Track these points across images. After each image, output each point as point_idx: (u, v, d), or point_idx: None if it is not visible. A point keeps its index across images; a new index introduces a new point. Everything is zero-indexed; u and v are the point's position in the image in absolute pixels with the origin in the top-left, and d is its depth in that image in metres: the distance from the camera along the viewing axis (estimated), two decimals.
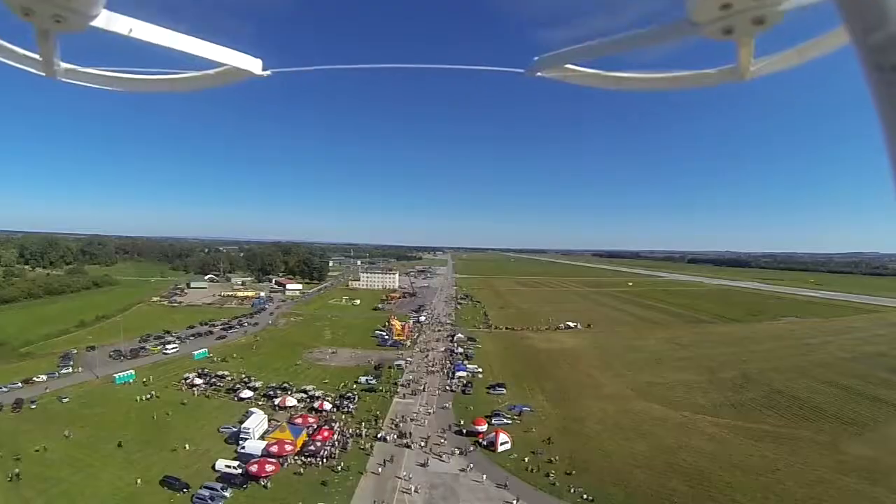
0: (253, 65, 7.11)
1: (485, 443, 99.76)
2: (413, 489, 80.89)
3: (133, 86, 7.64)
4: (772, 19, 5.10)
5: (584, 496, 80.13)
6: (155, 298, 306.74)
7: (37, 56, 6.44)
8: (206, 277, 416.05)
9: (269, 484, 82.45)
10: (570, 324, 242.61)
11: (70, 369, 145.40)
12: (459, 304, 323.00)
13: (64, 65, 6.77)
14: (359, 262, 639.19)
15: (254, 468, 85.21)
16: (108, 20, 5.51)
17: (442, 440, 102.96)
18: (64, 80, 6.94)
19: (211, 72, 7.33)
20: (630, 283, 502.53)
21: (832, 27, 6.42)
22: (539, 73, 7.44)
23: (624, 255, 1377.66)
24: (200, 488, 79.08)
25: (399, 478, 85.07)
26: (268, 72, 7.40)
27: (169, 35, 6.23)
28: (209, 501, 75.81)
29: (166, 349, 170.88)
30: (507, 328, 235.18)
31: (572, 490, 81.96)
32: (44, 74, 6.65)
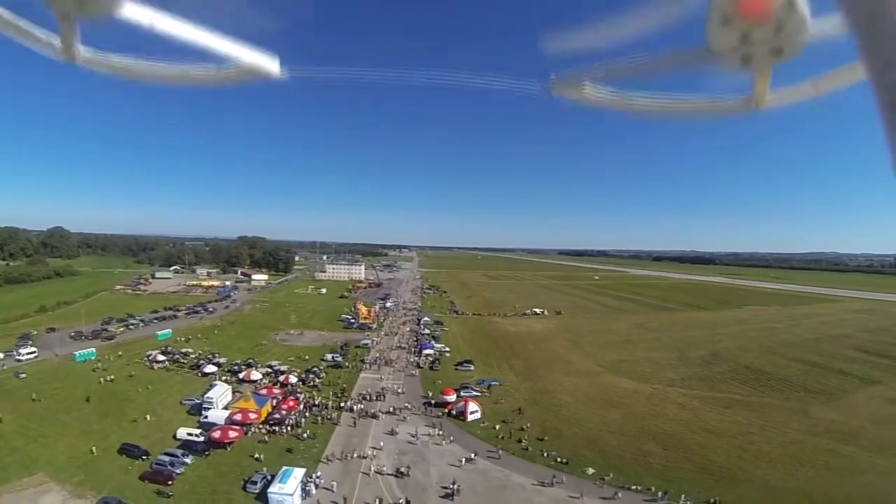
0: (271, 64, 7.07)
1: (454, 412, 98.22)
2: (375, 469, 77.18)
3: (151, 75, 7.51)
4: (790, 51, 5.01)
5: (558, 459, 79.54)
6: (118, 287, 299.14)
7: (56, 41, 6.32)
8: (171, 269, 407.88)
9: (261, 456, 78.66)
10: (538, 310, 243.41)
11: (29, 348, 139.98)
12: (426, 293, 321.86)
13: (83, 50, 6.69)
14: (325, 257, 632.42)
15: (216, 434, 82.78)
16: (130, 9, 5.44)
17: (408, 405, 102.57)
18: (83, 66, 6.83)
19: (229, 69, 7.22)
20: (597, 277, 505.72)
21: (848, 62, 6.41)
22: (555, 92, 7.52)
23: (590, 254, 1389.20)
24: (160, 455, 76.36)
25: (365, 457, 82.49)
26: (284, 72, 7.33)
27: (189, 29, 6.13)
28: (169, 467, 72.96)
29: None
30: (473, 314, 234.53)
31: (545, 454, 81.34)
32: (63, 59, 6.51)
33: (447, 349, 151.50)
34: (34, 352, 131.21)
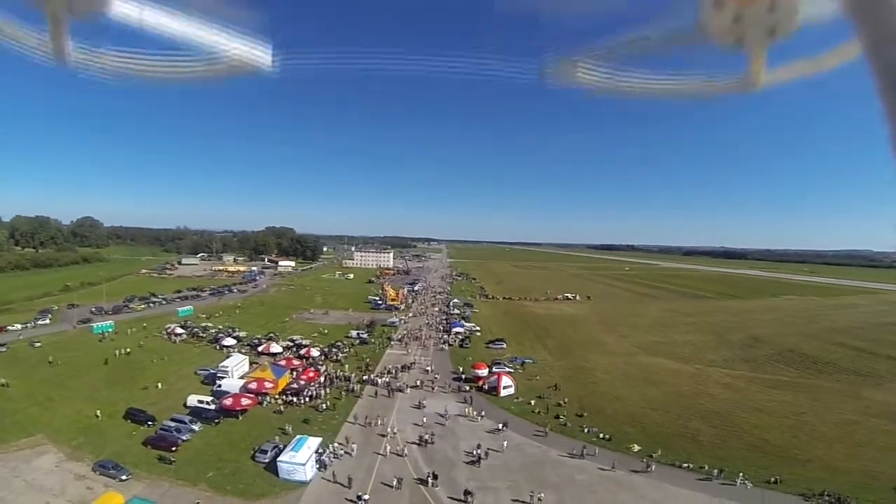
0: (262, 55, 6.61)
1: (486, 387, 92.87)
2: (391, 449, 70.30)
3: (143, 73, 7.26)
4: (784, 30, 4.93)
5: (601, 435, 74.08)
6: (144, 271, 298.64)
7: (48, 43, 6.24)
8: (198, 256, 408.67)
9: (290, 428, 72.72)
10: (569, 295, 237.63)
11: (48, 321, 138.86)
12: (455, 280, 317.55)
13: (75, 52, 6.63)
14: (353, 248, 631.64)
15: (228, 402, 77.84)
16: (118, 6, 5.47)
17: (437, 377, 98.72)
18: (76, 67, 6.74)
19: (222, 63, 7.31)
20: (627, 268, 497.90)
21: (846, 38, 6.26)
22: (549, 76, 7.34)
23: (619, 248, 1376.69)
24: (166, 420, 71.96)
25: (384, 435, 75.14)
26: (276, 63, 7.67)
27: (178, 21, 6.13)
28: (174, 433, 68.20)
29: None
30: (504, 298, 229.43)
31: (586, 430, 75.90)
32: (56, 62, 6.48)
33: (478, 328, 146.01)
34: None
